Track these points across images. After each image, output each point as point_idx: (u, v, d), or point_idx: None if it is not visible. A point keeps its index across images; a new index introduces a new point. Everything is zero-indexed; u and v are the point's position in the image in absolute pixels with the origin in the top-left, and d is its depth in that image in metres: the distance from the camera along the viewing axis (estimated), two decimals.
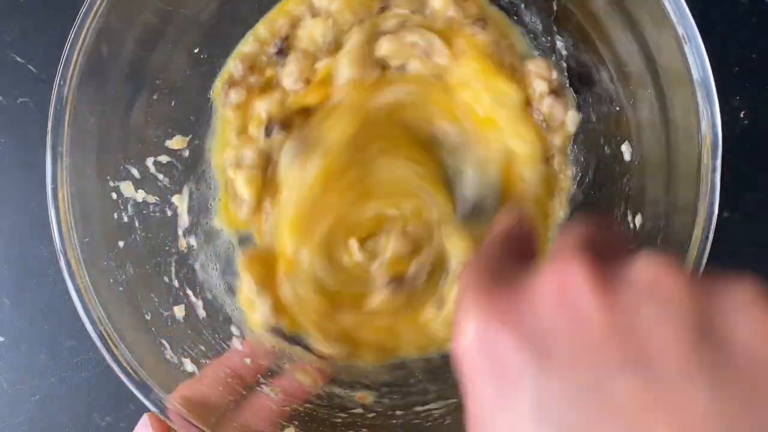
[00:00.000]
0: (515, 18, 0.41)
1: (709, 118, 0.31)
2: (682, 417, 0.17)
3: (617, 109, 0.37)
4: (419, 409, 0.38)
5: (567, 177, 0.41)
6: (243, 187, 0.40)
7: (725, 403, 0.17)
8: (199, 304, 0.39)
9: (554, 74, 0.40)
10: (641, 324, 0.18)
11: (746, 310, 0.18)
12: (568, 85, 0.41)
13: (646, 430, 0.17)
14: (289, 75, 0.40)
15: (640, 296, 0.19)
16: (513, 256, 0.25)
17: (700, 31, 0.31)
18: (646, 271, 0.19)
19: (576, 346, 0.19)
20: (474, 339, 0.20)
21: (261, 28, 0.41)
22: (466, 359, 0.21)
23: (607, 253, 0.21)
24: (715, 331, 0.18)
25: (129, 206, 0.37)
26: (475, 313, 0.21)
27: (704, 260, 0.31)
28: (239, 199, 0.41)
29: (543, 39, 0.41)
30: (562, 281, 0.20)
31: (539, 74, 0.40)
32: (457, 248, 0.40)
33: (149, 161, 0.39)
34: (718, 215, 0.31)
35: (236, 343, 0.39)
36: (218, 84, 0.41)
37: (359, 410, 0.38)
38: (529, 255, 0.26)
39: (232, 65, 0.41)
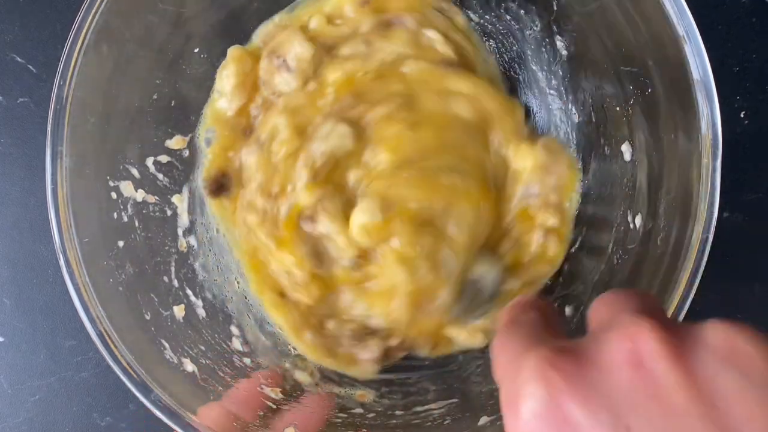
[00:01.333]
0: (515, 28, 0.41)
1: (709, 118, 0.31)
2: None
3: (617, 109, 0.37)
4: (419, 409, 0.38)
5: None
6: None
7: None
8: (199, 304, 0.39)
9: None
10: (722, 396, 0.17)
11: None
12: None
13: None
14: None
15: (717, 364, 0.18)
16: (546, 326, 0.23)
17: (700, 31, 0.31)
18: (719, 336, 0.18)
19: (656, 418, 0.18)
20: (541, 410, 0.18)
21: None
22: None
23: (662, 318, 0.19)
24: None
25: (129, 206, 0.37)
26: (541, 381, 0.19)
27: (704, 260, 0.31)
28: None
29: (542, 41, 0.41)
30: (634, 349, 0.18)
31: None
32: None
33: (149, 161, 0.39)
34: (718, 215, 0.31)
35: (236, 343, 0.39)
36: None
37: (359, 410, 0.38)
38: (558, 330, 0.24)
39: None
